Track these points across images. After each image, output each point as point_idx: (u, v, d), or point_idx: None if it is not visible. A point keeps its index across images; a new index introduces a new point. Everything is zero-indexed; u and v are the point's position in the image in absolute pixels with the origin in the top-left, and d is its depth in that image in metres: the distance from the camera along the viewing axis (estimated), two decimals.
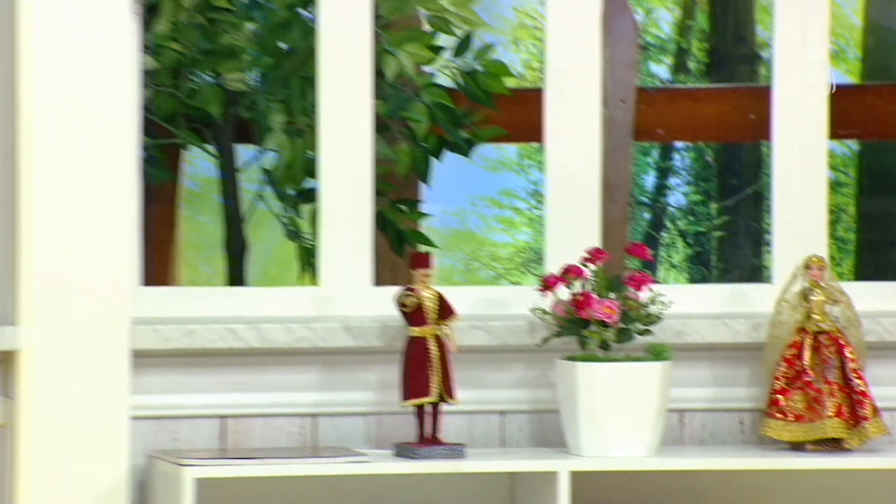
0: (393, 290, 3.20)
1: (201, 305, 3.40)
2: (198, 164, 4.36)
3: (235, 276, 4.12)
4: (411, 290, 3.13)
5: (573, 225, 3.46)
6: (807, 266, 3.17)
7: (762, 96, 3.70)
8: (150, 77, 3.61)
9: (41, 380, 3.22)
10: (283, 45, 3.90)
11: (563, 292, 3.14)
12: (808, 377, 3.06)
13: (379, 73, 3.56)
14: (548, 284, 3.18)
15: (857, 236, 6.02)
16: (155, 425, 3.27)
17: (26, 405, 3.17)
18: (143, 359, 3.25)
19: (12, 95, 3.17)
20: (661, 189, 5.78)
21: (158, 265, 4.03)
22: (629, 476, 3.22)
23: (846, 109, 4.23)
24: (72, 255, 3.19)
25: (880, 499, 3.26)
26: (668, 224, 5.78)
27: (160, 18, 3.62)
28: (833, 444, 3.07)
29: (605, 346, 3.13)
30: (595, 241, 3.38)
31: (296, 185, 3.80)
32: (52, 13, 3.17)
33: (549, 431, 3.30)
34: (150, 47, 3.67)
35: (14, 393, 3.16)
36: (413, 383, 3.11)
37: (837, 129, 3.61)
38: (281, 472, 3.15)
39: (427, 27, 3.90)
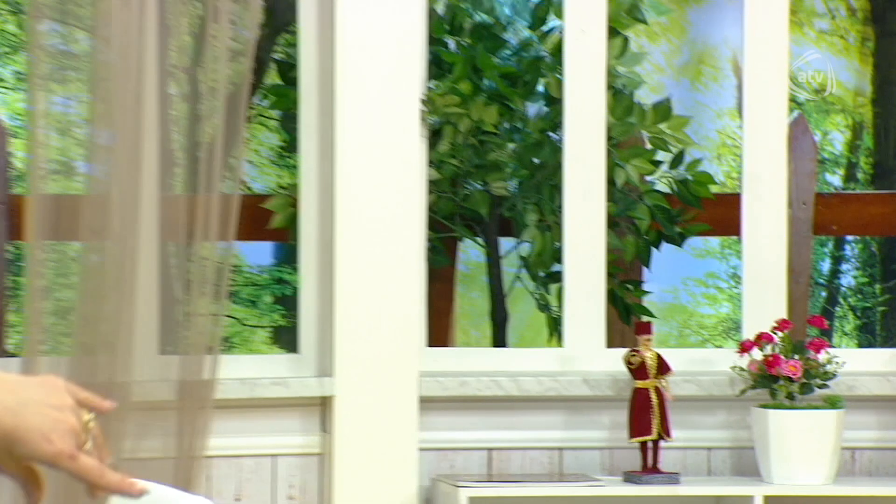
0: (621, 352, 3.72)
1: (472, 362, 3.89)
2: (469, 252, 4.80)
3: (498, 340, 4.52)
4: (636, 351, 3.62)
5: (764, 301, 3.91)
6: None
7: None
8: (433, 185, 4.01)
9: (350, 419, 3.68)
10: (536, 160, 4.29)
11: (757, 354, 3.59)
12: None
13: (611, 182, 3.92)
14: (744, 347, 3.63)
15: None
16: (437, 455, 3.71)
17: (339, 439, 3.64)
18: (427, 403, 3.71)
19: (331, 202, 3.67)
20: (834, 273, 6.19)
21: (439, 330, 4.38)
22: (810, 500, 3.62)
23: None
24: (373, 322, 3.75)
25: None
26: (841, 301, 6.18)
27: (442, 140, 4.00)
28: None
29: (790, 396, 3.58)
30: (782, 313, 3.78)
31: (545, 268, 4.11)
32: (362, 138, 3.70)
33: (746, 464, 3.76)
34: (434, 162, 4.04)
35: (330, 429, 3.65)
36: (638, 424, 3.58)
37: None
38: (535, 493, 3.66)
39: (648, 145, 4.24)
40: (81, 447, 1.15)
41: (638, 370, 3.65)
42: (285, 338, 5.88)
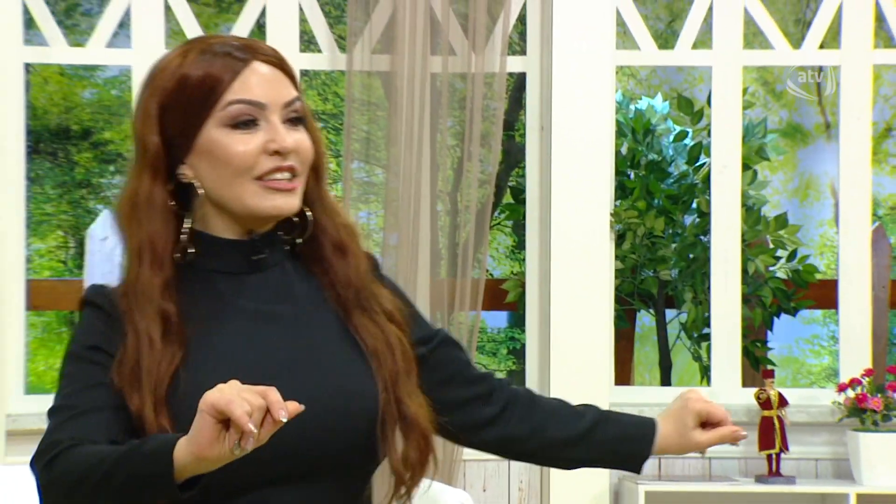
0: (752, 390, 4.19)
1: (646, 397, 4.43)
2: (643, 319, 5.48)
3: (664, 381, 5.13)
4: (763, 389, 4.11)
5: (855, 355, 4.38)
6: None
7: None
8: (619, 272, 4.39)
9: None
10: (691, 255, 4.61)
11: (850, 392, 4.08)
12: None
13: (744, 271, 4.34)
14: (841, 388, 4.12)
15: None
16: None
17: None
18: None
19: (548, 284, 4.08)
20: None
21: (622, 373, 4.82)
22: (890, 497, 4.05)
23: None
24: (578, 366, 4.08)
25: None
26: None
27: (625, 241, 4.32)
28: None
29: (875, 423, 4.08)
30: (867, 364, 4.26)
31: (698, 331, 4.55)
32: (569, 239, 4.07)
33: (843, 471, 4.27)
34: (619, 256, 4.40)
35: None
36: (764, 441, 4.06)
37: None
38: (693, 489, 4.08)
39: (770, 245, 4.65)
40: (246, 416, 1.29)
41: (764, 403, 4.18)
42: (517, 379, 6.16)
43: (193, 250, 1.63)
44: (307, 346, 1.67)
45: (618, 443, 1.85)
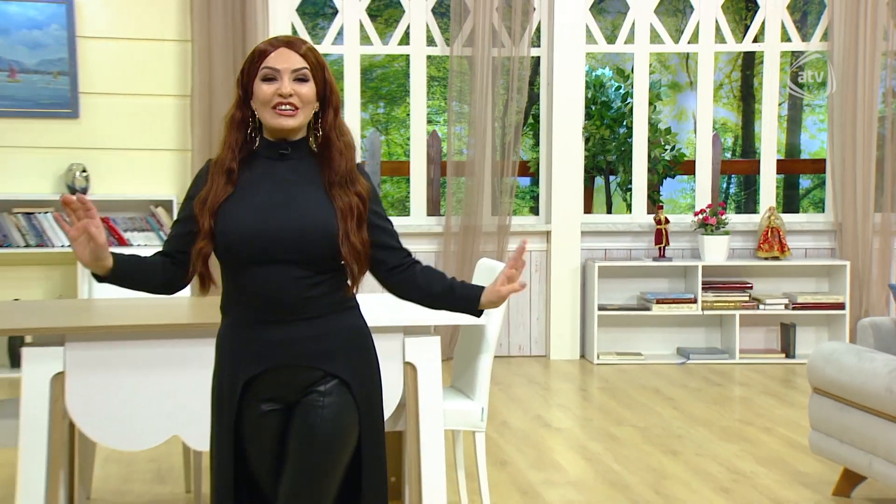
0: (652, 216, 5.78)
1: (595, 220, 6.04)
2: (598, 182, 6.37)
3: (609, 212, 5.96)
4: (657, 215, 5.70)
5: (703, 197, 6.00)
6: None
7: None
8: None
9: None
10: (623, 150, 5.75)
11: (700, 217, 5.73)
12: None
13: (649, 156, 5.36)
14: (696, 213, 5.76)
15: None
16: None
17: None
18: None
19: None
20: None
21: (587, 207, 5.91)
22: (719, 269, 5.68)
23: None
24: None
25: None
26: None
27: (589, 142, 5.09)
28: None
29: (711, 230, 5.71)
30: (709, 201, 5.73)
31: (624, 187, 5.47)
32: None
33: (696, 255, 6.07)
34: (586, 149, 5.54)
35: None
36: (657, 240, 5.67)
37: None
38: (628, 264, 5.70)
39: (662, 143, 5.77)
40: None
41: (658, 222, 5.75)
42: (534, 204, 7.58)
43: (256, 145, 2.23)
44: (300, 197, 2.18)
45: (462, 300, 2.30)
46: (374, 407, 2.22)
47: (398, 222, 6.27)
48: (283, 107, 2.13)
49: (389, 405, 3.26)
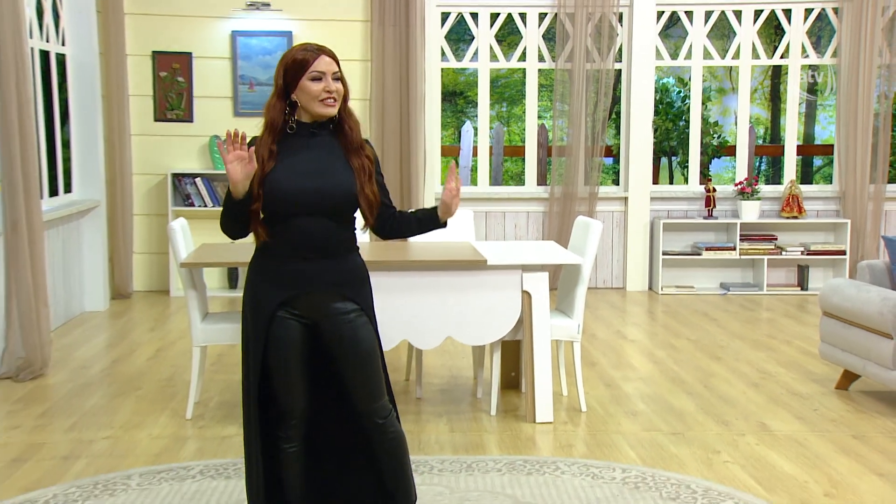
0: (703, 186, 5.40)
1: (661, 189, 5.71)
2: (662, 161, 6.14)
3: (670, 183, 5.58)
4: (707, 185, 5.33)
5: (742, 171, 5.57)
6: None
7: None
8: None
9: None
10: (682, 138, 5.11)
11: (739, 187, 5.37)
12: None
13: (701, 142, 4.98)
14: (736, 185, 5.36)
15: None
16: None
17: None
18: None
19: None
20: None
21: (654, 180, 5.46)
22: (755, 224, 5.29)
23: None
24: None
25: None
26: None
27: (657, 132, 4.71)
28: None
29: (748, 197, 5.29)
30: (745, 175, 5.35)
31: (683, 165, 5.08)
32: None
33: (736, 213, 5.67)
34: (655, 136, 4.98)
35: None
36: (707, 204, 5.28)
37: None
38: (685, 221, 5.34)
39: (712, 132, 5.25)
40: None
41: (707, 190, 5.38)
42: (614, 172, 7.20)
43: (293, 128, 2.12)
44: (327, 166, 2.10)
45: (428, 221, 2.26)
46: (373, 321, 2.16)
47: (516, 191, 6.18)
48: (329, 100, 2.08)
49: (511, 322, 3.21)
